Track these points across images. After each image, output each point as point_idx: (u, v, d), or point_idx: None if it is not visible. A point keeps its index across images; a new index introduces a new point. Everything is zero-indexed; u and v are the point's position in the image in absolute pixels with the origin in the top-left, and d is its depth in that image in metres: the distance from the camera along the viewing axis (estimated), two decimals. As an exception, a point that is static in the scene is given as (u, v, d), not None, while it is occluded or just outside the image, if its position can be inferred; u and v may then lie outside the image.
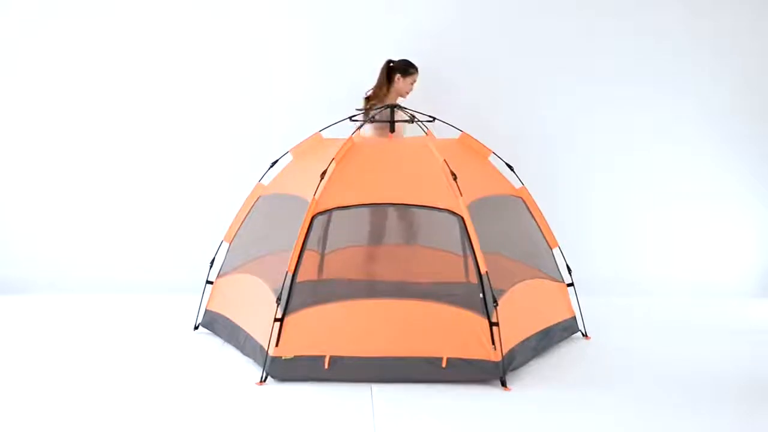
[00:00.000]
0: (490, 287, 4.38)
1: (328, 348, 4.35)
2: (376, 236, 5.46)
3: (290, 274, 4.43)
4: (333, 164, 4.70)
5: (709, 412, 4.02)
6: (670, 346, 5.15)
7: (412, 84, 5.78)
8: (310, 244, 4.66)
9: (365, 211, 5.13)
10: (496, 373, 4.30)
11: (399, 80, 5.86)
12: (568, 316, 5.25)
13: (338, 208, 4.61)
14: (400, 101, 5.84)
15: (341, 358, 4.33)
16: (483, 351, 4.31)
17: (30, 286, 6.55)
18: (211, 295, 5.38)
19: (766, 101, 6.65)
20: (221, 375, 4.52)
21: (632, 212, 6.64)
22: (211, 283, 5.40)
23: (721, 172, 6.69)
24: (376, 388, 4.26)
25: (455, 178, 4.60)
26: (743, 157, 6.69)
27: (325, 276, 5.56)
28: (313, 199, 4.56)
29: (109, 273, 6.63)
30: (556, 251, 5.32)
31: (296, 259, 4.45)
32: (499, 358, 4.30)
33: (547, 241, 5.27)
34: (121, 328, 5.49)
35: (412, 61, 5.88)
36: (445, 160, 4.70)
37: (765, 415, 3.98)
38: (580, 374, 4.61)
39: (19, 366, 4.70)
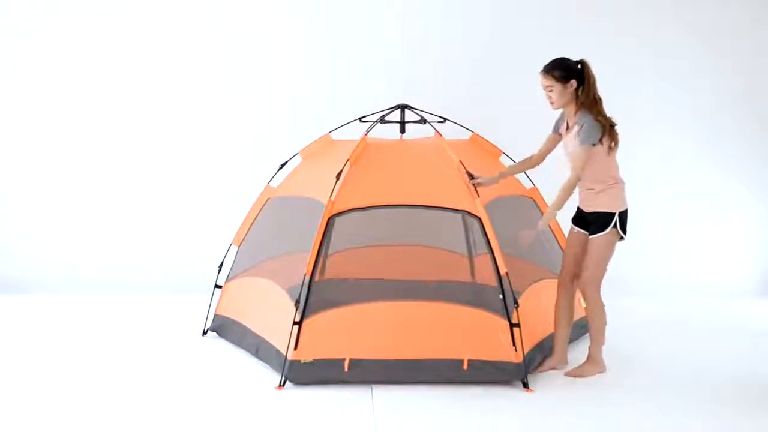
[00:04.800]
0: (511, 288, 4.37)
1: (347, 351, 4.30)
2: None
3: (308, 277, 4.38)
4: (348, 165, 4.67)
5: (709, 411, 4.04)
6: (671, 346, 5.19)
7: (544, 88, 4.57)
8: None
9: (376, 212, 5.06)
10: (517, 374, 4.29)
11: None
12: (580, 315, 5.24)
13: (355, 209, 4.57)
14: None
15: (361, 360, 4.29)
16: (504, 352, 4.29)
17: (30, 286, 6.50)
18: (220, 299, 5.31)
19: (766, 103, 6.72)
20: (238, 380, 4.45)
21: (634, 213, 6.64)
22: (220, 287, 5.34)
23: (721, 173, 6.76)
24: (397, 390, 4.24)
25: (472, 179, 4.59)
26: (744, 158, 6.76)
27: (326, 277, 5.52)
28: (330, 200, 4.52)
29: (115, 276, 6.60)
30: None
31: (314, 262, 4.42)
32: (521, 360, 4.29)
33: (558, 241, 5.27)
34: (129, 333, 5.41)
35: (547, 64, 4.61)
36: (460, 160, 4.69)
37: (765, 415, 4.00)
38: (598, 375, 4.60)
39: (22, 369, 4.62)
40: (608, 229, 4.56)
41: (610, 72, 6.52)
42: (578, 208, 4.84)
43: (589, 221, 4.65)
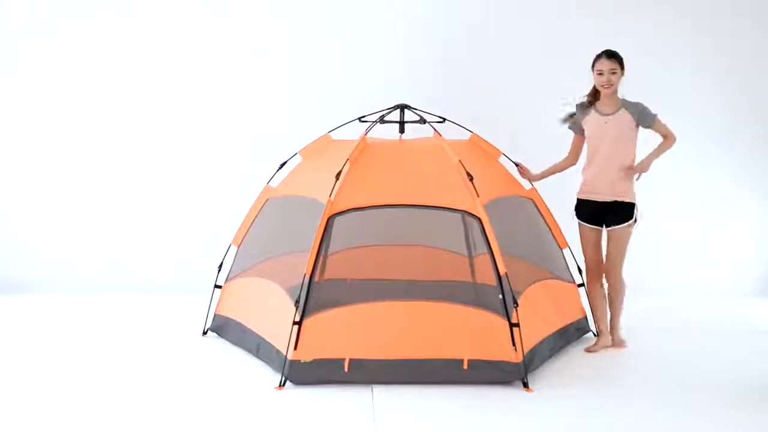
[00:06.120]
0: (510, 289, 4.38)
1: (347, 351, 4.30)
2: None
3: (308, 277, 4.38)
4: (347, 165, 4.66)
5: (709, 411, 4.05)
6: (671, 346, 5.20)
7: (599, 74, 4.93)
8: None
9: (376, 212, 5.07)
10: (517, 374, 4.30)
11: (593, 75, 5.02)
12: (580, 316, 5.28)
13: (354, 209, 4.57)
14: (607, 96, 4.99)
15: (361, 360, 4.29)
16: (504, 352, 4.30)
17: (30, 286, 6.50)
18: (220, 299, 5.31)
19: (766, 103, 6.72)
20: (238, 380, 4.45)
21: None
22: (220, 287, 5.34)
23: (720, 173, 6.77)
24: (397, 390, 4.24)
25: (471, 179, 4.59)
26: (743, 158, 6.76)
27: (326, 277, 5.53)
28: (329, 200, 4.52)
29: (115, 276, 6.61)
30: (566, 252, 5.34)
31: (313, 261, 4.41)
32: (520, 360, 4.29)
33: (557, 241, 5.28)
34: (129, 333, 5.40)
35: (608, 50, 4.97)
36: (460, 160, 4.69)
37: (765, 415, 4.00)
38: (598, 375, 4.63)
39: (22, 369, 4.61)
40: (631, 220, 4.98)
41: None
42: (584, 201, 5.05)
43: (606, 212, 4.98)
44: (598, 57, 4.97)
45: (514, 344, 4.29)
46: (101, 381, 4.40)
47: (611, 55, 4.95)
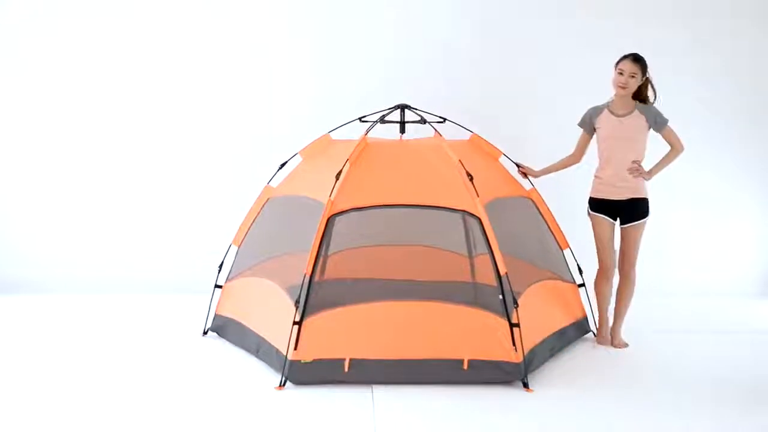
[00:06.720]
0: (510, 289, 4.38)
1: (347, 351, 4.31)
2: None
3: (308, 277, 4.38)
4: (347, 165, 4.66)
5: (709, 411, 4.06)
6: (671, 346, 5.20)
7: (620, 74, 5.02)
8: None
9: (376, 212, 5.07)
10: (517, 374, 4.31)
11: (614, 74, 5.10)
12: (580, 316, 5.28)
13: (354, 209, 4.57)
14: (621, 97, 5.07)
15: (361, 360, 4.29)
16: (504, 352, 4.31)
17: (30, 286, 6.49)
18: (220, 299, 5.31)
19: (766, 103, 6.72)
20: (238, 380, 4.45)
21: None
22: (220, 287, 5.34)
23: (721, 173, 6.76)
24: (397, 390, 4.24)
25: (471, 179, 4.59)
26: (743, 158, 6.75)
27: (326, 277, 5.53)
28: (329, 200, 4.52)
29: (115, 276, 6.60)
30: (566, 252, 5.34)
31: (313, 261, 4.42)
32: (520, 360, 4.30)
33: (557, 242, 5.28)
34: (129, 333, 5.40)
35: (635, 53, 5.05)
36: (460, 160, 4.69)
37: (765, 415, 4.02)
38: (598, 375, 4.63)
39: (21, 369, 4.61)
40: (648, 216, 5.07)
41: (609, 72, 6.56)
42: (598, 200, 5.10)
43: (621, 210, 5.07)
44: (624, 57, 5.04)
45: (514, 344, 4.31)
46: (101, 381, 4.41)
47: (636, 59, 5.02)
